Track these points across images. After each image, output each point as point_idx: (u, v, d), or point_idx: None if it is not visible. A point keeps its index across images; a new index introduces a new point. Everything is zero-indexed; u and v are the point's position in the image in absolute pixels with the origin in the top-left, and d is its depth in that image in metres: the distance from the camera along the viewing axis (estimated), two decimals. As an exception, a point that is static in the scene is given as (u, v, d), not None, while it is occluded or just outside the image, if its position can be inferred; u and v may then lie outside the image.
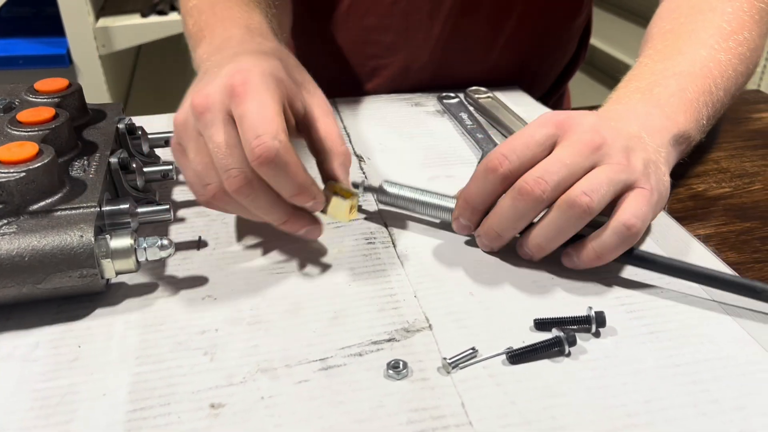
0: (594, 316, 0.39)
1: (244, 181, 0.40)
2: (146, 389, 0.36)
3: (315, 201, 0.42)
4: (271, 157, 0.39)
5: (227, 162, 0.40)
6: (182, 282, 0.44)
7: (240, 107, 0.40)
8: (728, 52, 0.55)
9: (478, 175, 0.44)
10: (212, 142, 0.40)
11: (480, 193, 0.45)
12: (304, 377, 0.37)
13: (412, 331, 0.40)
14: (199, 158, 0.42)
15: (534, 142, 0.43)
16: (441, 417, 0.34)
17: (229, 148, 0.40)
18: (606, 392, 0.36)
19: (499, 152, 0.43)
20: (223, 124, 0.40)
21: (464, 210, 0.46)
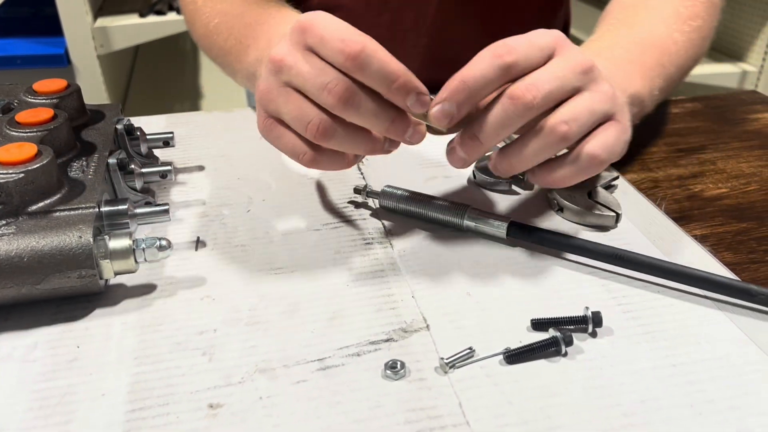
0: (591, 316, 0.40)
1: (344, 87, 0.39)
2: (145, 389, 0.36)
3: (417, 91, 0.40)
4: (359, 50, 0.38)
5: (322, 80, 0.39)
6: (181, 282, 0.44)
7: (314, 35, 0.40)
8: (683, 35, 0.58)
9: (482, 59, 0.41)
10: (301, 76, 0.40)
11: (479, 77, 0.40)
12: (302, 377, 0.37)
13: (409, 332, 0.40)
14: (293, 103, 0.41)
15: (536, 45, 0.42)
16: (438, 417, 0.34)
17: (319, 69, 0.40)
18: (602, 392, 0.36)
19: (505, 43, 0.41)
20: (304, 57, 0.40)
21: (457, 92, 0.41)
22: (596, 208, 0.51)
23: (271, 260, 0.46)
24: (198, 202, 0.53)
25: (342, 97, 0.39)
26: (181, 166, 0.59)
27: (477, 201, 0.53)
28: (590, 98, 0.42)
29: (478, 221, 0.48)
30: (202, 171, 0.58)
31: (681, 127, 0.70)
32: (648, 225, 0.51)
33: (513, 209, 0.53)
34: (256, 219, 0.51)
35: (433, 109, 0.41)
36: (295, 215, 0.52)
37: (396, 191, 0.51)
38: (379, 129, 0.42)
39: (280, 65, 0.41)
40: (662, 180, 0.60)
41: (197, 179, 0.57)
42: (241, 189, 0.55)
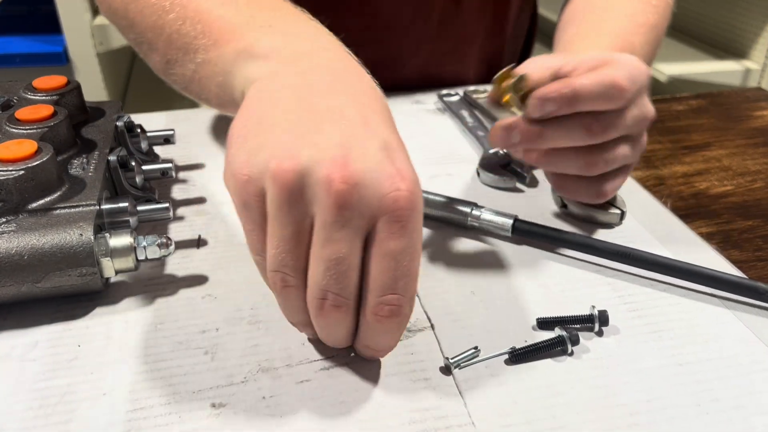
0: (597, 315, 0.39)
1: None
2: (146, 389, 0.36)
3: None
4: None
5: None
6: (182, 281, 0.44)
7: (400, 240, 0.30)
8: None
9: (601, 81, 0.42)
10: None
11: (588, 94, 0.41)
12: (305, 377, 0.36)
13: (413, 331, 0.40)
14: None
15: (634, 89, 0.43)
16: (443, 417, 0.34)
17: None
18: (608, 391, 0.36)
19: (626, 74, 0.42)
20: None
21: (563, 99, 0.41)
22: (601, 206, 0.50)
23: (273, 258, 0.46)
24: (199, 200, 0.53)
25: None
26: (182, 164, 0.58)
27: (481, 199, 0.53)
28: (635, 140, 0.46)
29: (482, 219, 0.48)
30: (203, 168, 0.58)
31: (686, 125, 0.70)
32: (653, 223, 0.51)
33: (517, 207, 0.52)
34: (258, 217, 0.51)
35: (533, 101, 0.42)
36: (298, 213, 0.51)
37: None
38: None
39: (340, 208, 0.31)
40: (667, 177, 0.59)
41: (198, 177, 0.56)
42: (242, 186, 0.55)
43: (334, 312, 0.32)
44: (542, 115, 0.42)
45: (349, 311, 0.32)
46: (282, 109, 0.32)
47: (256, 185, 0.31)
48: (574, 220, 0.51)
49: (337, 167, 0.29)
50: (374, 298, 0.31)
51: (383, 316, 0.31)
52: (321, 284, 0.31)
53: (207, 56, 0.40)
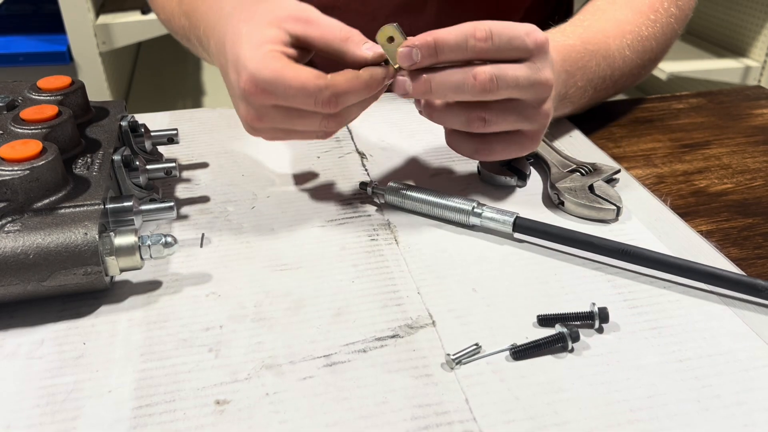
0: (597, 312, 0.39)
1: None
2: (151, 386, 0.36)
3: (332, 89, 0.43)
4: (335, 102, 0.43)
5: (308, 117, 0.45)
6: (186, 279, 0.44)
7: (278, 99, 0.44)
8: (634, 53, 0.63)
9: (461, 31, 0.44)
10: (285, 120, 0.46)
11: (451, 45, 0.44)
12: (308, 373, 0.37)
13: (415, 328, 0.40)
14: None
15: (514, 45, 0.45)
16: (445, 413, 0.34)
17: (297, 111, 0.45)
18: (609, 387, 0.36)
19: (489, 27, 0.44)
20: (277, 110, 0.45)
21: (426, 47, 0.44)
22: (597, 202, 0.50)
23: (276, 256, 0.46)
24: (202, 199, 0.53)
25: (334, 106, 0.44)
26: (186, 163, 0.59)
27: (482, 197, 0.53)
28: (529, 107, 0.48)
29: (483, 217, 0.48)
30: (206, 168, 0.58)
31: (685, 123, 0.70)
32: (653, 220, 0.51)
33: (515, 204, 0.52)
34: (261, 215, 0.51)
35: (401, 48, 0.45)
36: (300, 211, 0.52)
37: (401, 187, 0.51)
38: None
39: (256, 127, 0.47)
40: (667, 176, 0.60)
41: (201, 176, 0.57)
42: (245, 185, 0.55)
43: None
44: (410, 65, 0.45)
45: None
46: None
47: None
48: (570, 216, 0.51)
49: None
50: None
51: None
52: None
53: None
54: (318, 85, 0.43)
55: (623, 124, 0.69)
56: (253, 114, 0.46)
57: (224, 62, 0.48)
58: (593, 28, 0.59)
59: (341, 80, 0.43)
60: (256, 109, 0.45)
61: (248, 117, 0.46)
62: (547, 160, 0.56)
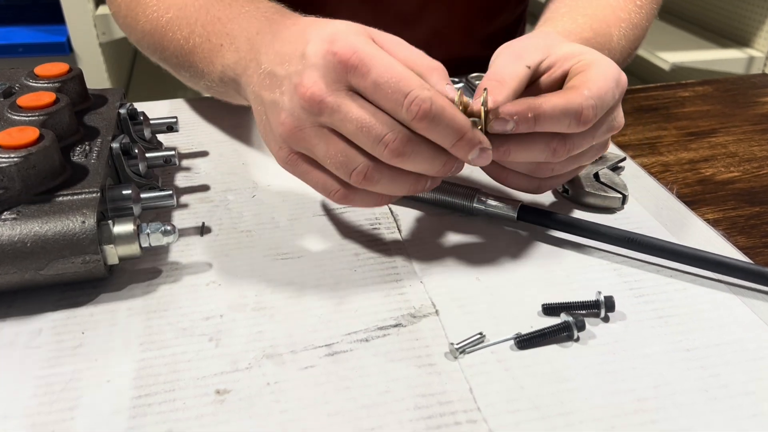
0: (603, 300, 0.39)
1: (405, 140, 0.37)
2: (151, 375, 0.35)
3: (481, 146, 0.39)
4: (428, 108, 0.36)
5: (378, 130, 0.37)
6: (186, 268, 0.44)
7: (367, 78, 0.37)
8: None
9: (566, 112, 0.40)
10: (350, 122, 0.37)
11: (555, 122, 0.40)
12: (310, 363, 0.36)
13: (418, 317, 0.39)
14: (334, 147, 0.38)
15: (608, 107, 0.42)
16: (448, 402, 0.34)
17: (374, 117, 0.37)
18: (615, 377, 0.35)
19: (593, 108, 0.40)
20: (352, 100, 0.37)
21: (525, 121, 0.40)
22: (602, 190, 0.50)
23: (277, 246, 0.46)
24: (202, 188, 0.53)
25: (400, 151, 0.38)
26: (186, 152, 0.58)
27: (485, 184, 0.52)
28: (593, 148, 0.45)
29: (488, 205, 0.48)
30: (206, 156, 0.57)
31: (691, 111, 0.69)
32: (659, 209, 0.50)
33: (521, 194, 0.52)
34: (262, 204, 0.50)
35: (494, 121, 0.40)
36: (301, 200, 0.51)
37: None
38: (430, 172, 0.40)
39: (319, 106, 0.37)
40: (673, 164, 0.59)
41: (201, 165, 0.56)
42: (246, 174, 0.55)
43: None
44: (503, 132, 0.40)
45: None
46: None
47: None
48: (576, 205, 0.50)
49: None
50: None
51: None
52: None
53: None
54: (421, 86, 0.37)
55: (628, 112, 0.69)
56: (301, 123, 0.39)
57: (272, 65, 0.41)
58: (597, 16, 0.58)
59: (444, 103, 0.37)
60: (309, 114, 0.38)
61: (292, 126, 0.39)
62: (551, 148, 0.56)
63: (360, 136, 0.38)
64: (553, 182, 0.47)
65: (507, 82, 0.42)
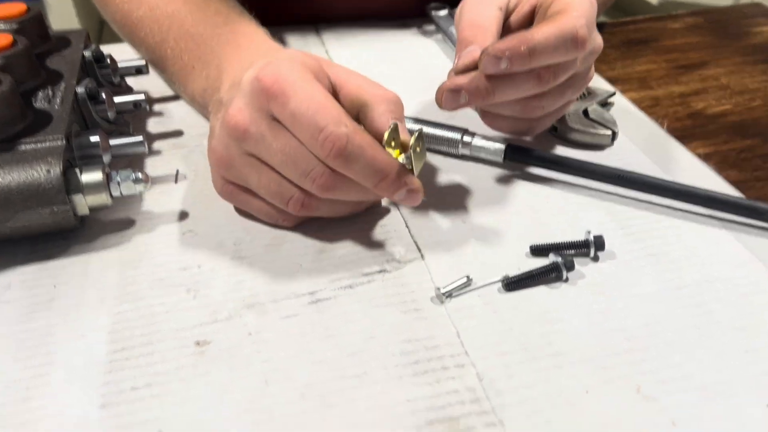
0: (593, 240, 0.38)
1: (332, 175, 0.36)
2: (127, 329, 0.34)
3: (408, 187, 0.36)
4: (343, 146, 0.34)
5: (303, 165, 0.35)
6: (161, 217, 0.42)
7: (286, 107, 0.35)
8: None
9: (561, 37, 0.38)
10: (275, 154, 0.36)
11: (550, 54, 0.38)
12: (292, 312, 0.35)
13: (403, 262, 0.38)
14: (267, 177, 0.37)
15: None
16: (435, 347, 0.33)
17: (297, 151, 0.35)
18: (605, 317, 0.35)
19: (585, 25, 0.38)
20: (276, 131, 0.36)
21: (520, 58, 0.37)
22: (591, 126, 0.48)
23: (255, 191, 0.44)
24: (176, 133, 0.51)
25: (328, 186, 0.36)
26: (157, 96, 0.56)
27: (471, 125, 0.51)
28: (579, 78, 0.43)
29: (474, 146, 0.46)
30: (179, 100, 0.55)
31: (681, 43, 0.67)
32: (649, 144, 0.49)
33: (508, 132, 0.50)
34: (239, 149, 0.48)
35: (486, 57, 0.38)
36: (280, 144, 0.49)
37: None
38: (369, 198, 0.40)
39: (243, 135, 0.36)
40: (663, 98, 0.57)
41: (174, 109, 0.54)
42: (221, 118, 0.52)
43: None
44: (495, 72, 0.38)
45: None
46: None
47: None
48: (565, 142, 0.49)
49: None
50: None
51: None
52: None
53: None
54: (337, 121, 0.34)
55: (617, 45, 0.66)
56: (230, 151, 0.38)
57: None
58: None
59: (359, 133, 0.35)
60: (237, 142, 0.37)
61: (222, 155, 0.38)
62: (538, 84, 0.54)
63: (286, 169, 0.36)
64: (544, 122, 0.45)
65: (487, 26, 0.40)
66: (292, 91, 0.35)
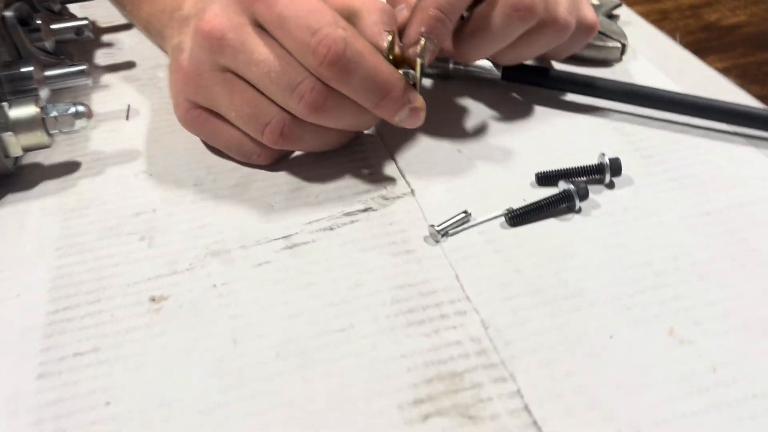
0: (608, 163, 0.33)
1: (325, 89, 0.30)
2: (70, 285, 0.29)
3: (411, 105, 0.32)
4: (341, 51, 0.29)
5: (290, 77, 0.30)
6: (110, 158, 0.36)
7: (273, 8, 0.30)
8: None
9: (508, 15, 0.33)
10: (256, 64, 0.30)
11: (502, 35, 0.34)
12: (264, 258, 0.30)
13: (391, 198, 0.33)
14: (241, 97, 0.32)
15: None
16: (432, 293, 0.28)
17: (284, 60, 0.30)
18: (627, 249, 0.30)
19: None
20: (259, 37, 0.30)
21: (435, 25, 0.32)
22: (599, 39, 0.43)
23: (219, 125, 0.38)
24: (127, 65, 0.44)
25: (319, 104, 0.30)
26: (106, 25, 0.49)
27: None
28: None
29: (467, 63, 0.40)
30: (131, 29, 0.48)
31: (688, -48, 0.61)
32: (662, 57, 0.43)
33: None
34: (200, 80, 0.43)
35: (410, 51, 0.32)
36: (246, 73, 0.43)
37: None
38: (362, 126, 0.35)
39: (219, 43, 0.31)
40: (672, 11, 0.52)
41: (125, 39, 0.47)
42: (179, 47, 0.46)
43: None
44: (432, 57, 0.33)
45: None
46: None
47: None
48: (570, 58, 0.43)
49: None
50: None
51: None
52: None
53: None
54: (333, 23, 0.29)
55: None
56: (200, 66, 0.32)
57: None
58: None
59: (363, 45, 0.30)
60: (209, 54, 0.31)
61: (190, 70, 0.32)
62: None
63: (268, 84, 0.31)
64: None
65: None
66: None
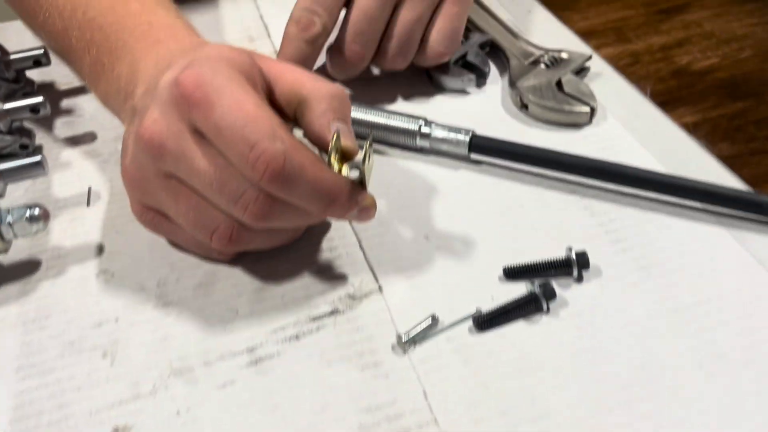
0: (575, 259, 0.33)
1: (267, 200, 0.29)
2: (32, 414, 0.29)
3: (361, 206, 0.31)
4: (279, 167, 0.28)
5: (232, 188, 0.29)
6: (71, 254, 0.36)
7: (209, 119, 0.29)
8: None
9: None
10: (197, 175, 0.29)
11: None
12: (228, 377, 0.30)
13: (358, 297, 0.33)
14: (187, 204, 0.31)
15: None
16: (399, 416, 0.28)
17: (225, 171, 0.29)
18: (594, 356, 0.30)
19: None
20: (197, 147, 0.29)
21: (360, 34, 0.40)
22: (567, 103, 0.42)
23: (182, 211, 0.38)
24: (88, 137, 0.43)
25: (264, 213, 0.29)
26: (65, 88, 0.48)
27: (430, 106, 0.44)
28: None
29: (433, 138, 0.40)
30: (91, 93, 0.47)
31: (660, -19, 0.60)
32: (632, 117, 0.43)
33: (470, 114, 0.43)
34: (162, 154, 0.42)
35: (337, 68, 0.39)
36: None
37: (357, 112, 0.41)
38: (311, 221, 0.34)
39: (159, 152, 0.30)
40: (643, 53, 0.51)
41: (86, 104, 0.46)
42: (141, 113, 0.45)
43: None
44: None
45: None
46: None
47: None
48: (537, 122, 0.43)
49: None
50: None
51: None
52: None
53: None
54: (272, 135, 0.28)
55: (589, -12, 0.59)
56: (144, 171, 0.31)
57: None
58: None
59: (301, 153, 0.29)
60: (152, 160, 0.30)
61: (135, 175, 0.32)
62: (505, 50, 0.47)
63: (211, 194, 0.30)
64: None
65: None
66: (216, 98, 0.28)
